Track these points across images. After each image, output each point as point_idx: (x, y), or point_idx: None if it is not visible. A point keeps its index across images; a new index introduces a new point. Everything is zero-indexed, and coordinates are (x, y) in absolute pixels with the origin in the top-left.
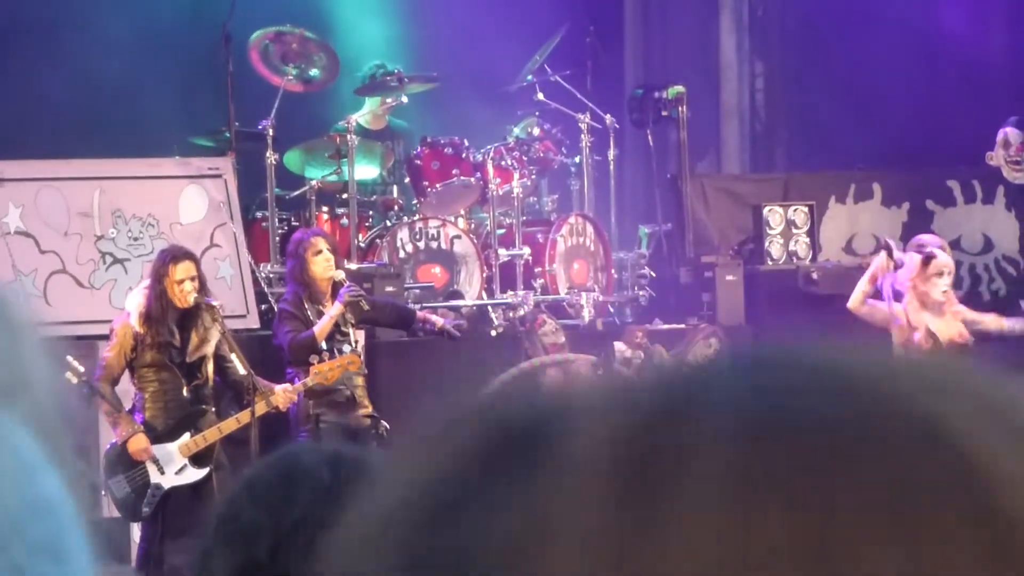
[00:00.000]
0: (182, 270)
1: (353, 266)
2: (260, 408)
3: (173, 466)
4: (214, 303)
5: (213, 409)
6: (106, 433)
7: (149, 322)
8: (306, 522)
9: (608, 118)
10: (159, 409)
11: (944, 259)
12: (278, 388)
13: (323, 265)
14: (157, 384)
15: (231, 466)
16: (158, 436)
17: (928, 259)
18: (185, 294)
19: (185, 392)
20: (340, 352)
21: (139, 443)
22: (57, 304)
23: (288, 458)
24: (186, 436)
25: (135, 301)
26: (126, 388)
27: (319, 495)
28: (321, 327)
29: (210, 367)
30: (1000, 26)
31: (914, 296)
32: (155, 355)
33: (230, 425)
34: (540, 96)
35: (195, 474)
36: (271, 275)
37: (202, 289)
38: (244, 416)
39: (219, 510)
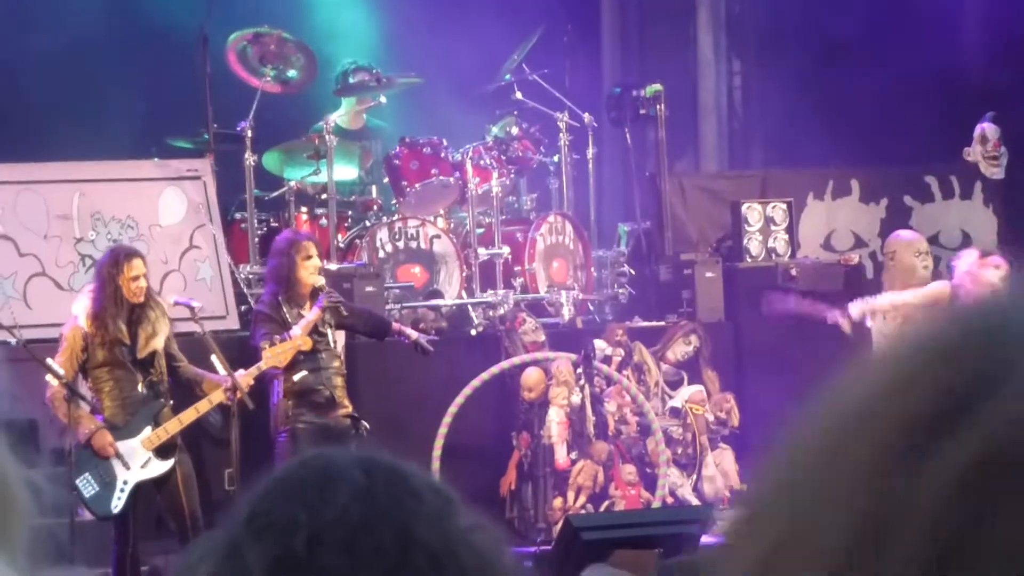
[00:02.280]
0: (136, 267)
1: (333, 266)
2: (217, 398)
3: (138, 460)
4: (193, 304)
5: (171, 402)
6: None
7: (99, 321)
8: (344, 520)
9: (586, 116)
10: (117, 406)
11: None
12: (237, 374)
13: (311, 270)
14: (112, 382)
15: (215, 464)
16: (119, 433)
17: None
18: (140, 290)
19: (140, 387)
20: (321, 359)
21: (103, 438)
22: (37, 307)
23: (322, 459)
24: (147, 430)
25: (82, 304)
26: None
27: (357, 495)
28: (303, 332)
29: (163, 362)
30: (976, 21)
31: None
32: (106, 354)
33: (189, 416)
34: (518, 95)
35: (160, 466)
36: (250, 276)
37: (148, 291)
38: (202, 405)
39: (248, 505)
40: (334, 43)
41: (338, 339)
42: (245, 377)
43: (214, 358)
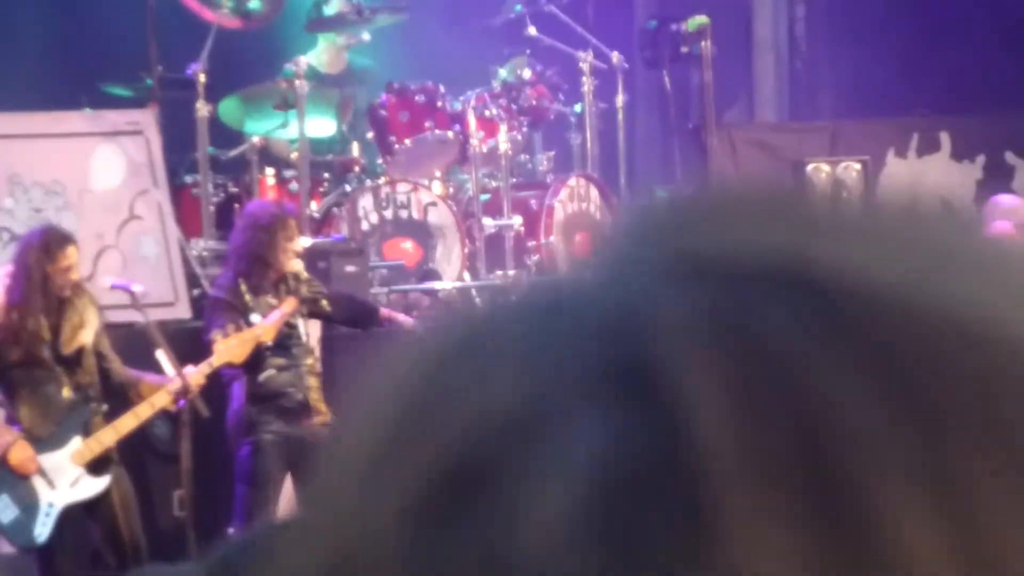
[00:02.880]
0: (70, 256)
1: (306, 241)
2: (161, 401)
3: (66, 478)
4: (134, 288)
5: (105, 407)
6: None
7: (18, 314)
8: None
9: (615, 56)
10: (38, 414)
11: None
12: (191, 371)
13: (291, 255)
14: (31, 385)
15: (162, 485)
16: (42, 445)
17: None
18: (67, 280)
19: (66, 391)
20: (291, 355)
21: (22, 452)
22: None
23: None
24: (76, 441)
25: None
26: None
27: None
28: (273, 324)
29: (92, 360)
30: None
31: None
32: (22, 352)
33: (127, 423)
34: (531, 31)
35: (93, 485)
36: (205, 253)
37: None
38: (143, 410)
39: None
40: None
41: (311, 331)
42: (195, 376)
43: (160, 354)
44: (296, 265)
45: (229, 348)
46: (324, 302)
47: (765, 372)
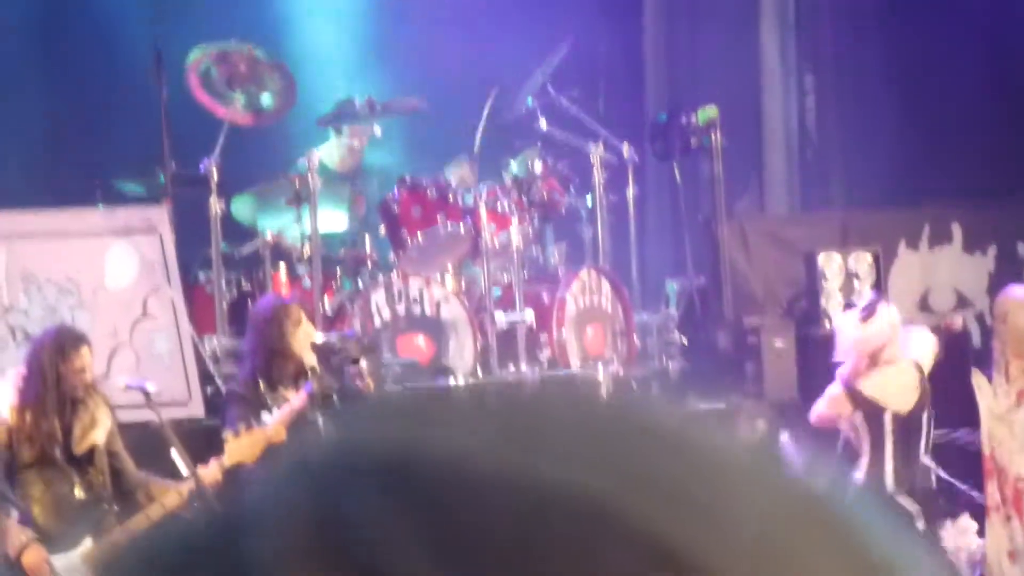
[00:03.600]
0: (83, 356)
1: (318, 337)
2: (172, 502)
3: None
4: (147, 387)
5: (116, 508)
6: None
7: (31, 415)
8: None
9: (626, 149)
10: (50, 514)
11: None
12: (203, 471)
13: (304, 341)
14: (42, 485)
15: None
16: (54, 545)
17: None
18: (80, 382)
19: (78, 491)
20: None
21: (36, 555)
22: None
23: None
24: (87, 542)
25: (6, 392)
26: None
27: None
28: (281, 419)
29: (104, 460)
30: None
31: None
32: (35, 452)
33: (139, 524)
34: (542, 124)
35: None
36: (218, 350)
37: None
38: (155, 511)
39: None
40: (317, 62)
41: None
42: (207, 476)
43: (174, 453)
44: (311, 359)
45: (240, 447)
46: (335, 398)
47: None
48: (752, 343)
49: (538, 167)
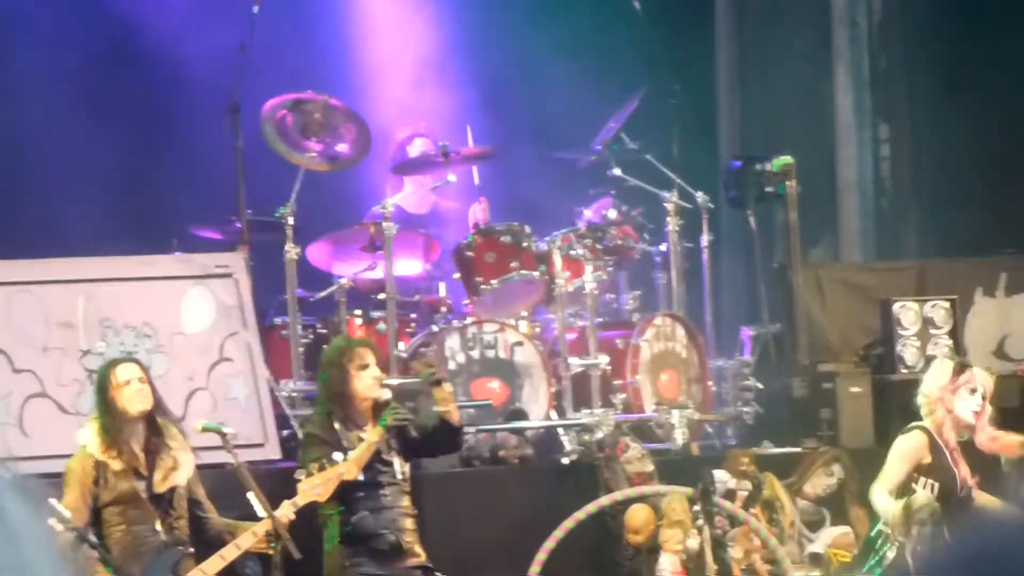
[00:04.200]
0: (123, 372)
1: (393, 381)
2: (247, 542)
3: None
4: (226, 430)
5: (191, 549)
6: None
7: (110, 444)
8: None
9: (700, 196)
10: (130, 556)
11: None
12: (277, 512)
13: (368, 383)
14: (125, 525)
15: None
16: None
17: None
18: (134, 394)
19: (158, 530)
20: (384, 495)
21: None
22: (35, 434)
23: None
24: None
25: (89, 430)
26: None
27: None
28: (355, 458)
29: (184, 503)
30: None
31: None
32: (121, 486)
33: (214, 566)
34: (616, 171)
35: None
36: (294, 394)
37: (157, 404)
38: (229, 552)
39: None
40: (391, 110)
41: (405, 470)
42: (279, 516)
43: (250, 495)
44: (383, 394)
45: (312, 486)
46: (411, 429)
47: None
48: (827, 389)
49: (612, 214)
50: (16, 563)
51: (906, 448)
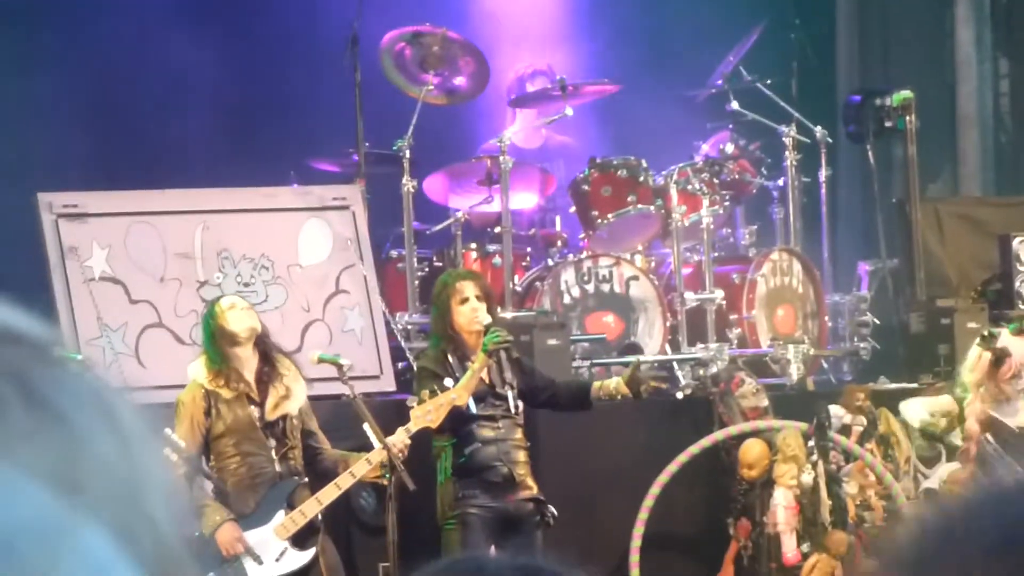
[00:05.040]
0: (227, 301)
1: (508, 314)
2: (360, 470)
3: (271, 554)
4: (342, 362)
5: (306, 479)
6: None
7: (216, 372)
8: None
9: (818, 131)
10: (245, 487)
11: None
12: (391, 439)
13: (468, 316)
14: (239, 457)
15: (368, 557)
16: (248, 521)
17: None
18: (240, 314)
19: (272, 461)
20: (498, 428)
21: (230, 533)
22: (152, 365)
23: (471, 564)
24: (280, 515)
25: (196, 365)
26: None
27: None
28: (463, 384)
29: (297, 433)
30: None
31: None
32: (234, 416)
33: (330, 494)
34: (734, 105)
35: (298, 559)
36: (409, 327)
37: (265, 332)
38: (344, 480)
39: None
40: (508, 44)
41: (520, 403)
42: (395, 443)
43: (366, 426)
44: (485, 319)
45: (425, 412)
46: (516, 356)
47: None
48: (945, 325)
49: (730, 148)
50: (126, 473)
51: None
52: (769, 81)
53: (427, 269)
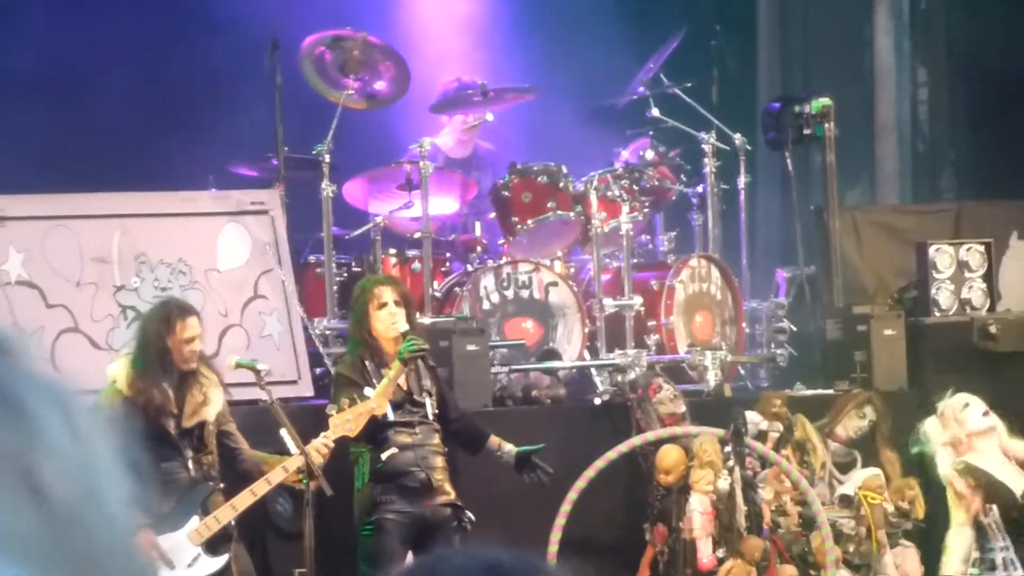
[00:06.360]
0: (191, 327)
1: (427, 320)
2: (277, 476)
3: (184, 559)
4: (260, 367)
5: (221, 484)
6: None
7: (142, 388)
8: None
9: (738, 138)
10: (158, 491)
11: None
12: (310, 445)
13: (386, 321)
14: (153, 462)
15: (283, 563)
16: (161, 525)
17: None
18: (193, 355)
19: (187, 467)
20: (415, 433)
21: (143, 538)
22: (68, 369)
23: (438, 563)
24: (194, 520)
25: (120, 366)
26: None
27: None
28: (380, 392)
29: (213, 439)
30: None
31: None
32: (148, 426)
33: (245, 500)
34: (655, 112)
35: (211, 564)
36: (327, 332)
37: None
38: (259, 487)
39: None
40: (429, 50)
41: (437, 411)
42: (313, 451)
43: (283, 432)
44: (399, 327)
45: (344, 421)
46: (429, 359)
47: None
48: (861, 332)
49: (649, 155)
50: (80, 461)
51: None
52: (689, 84)
53: (346, 274)
